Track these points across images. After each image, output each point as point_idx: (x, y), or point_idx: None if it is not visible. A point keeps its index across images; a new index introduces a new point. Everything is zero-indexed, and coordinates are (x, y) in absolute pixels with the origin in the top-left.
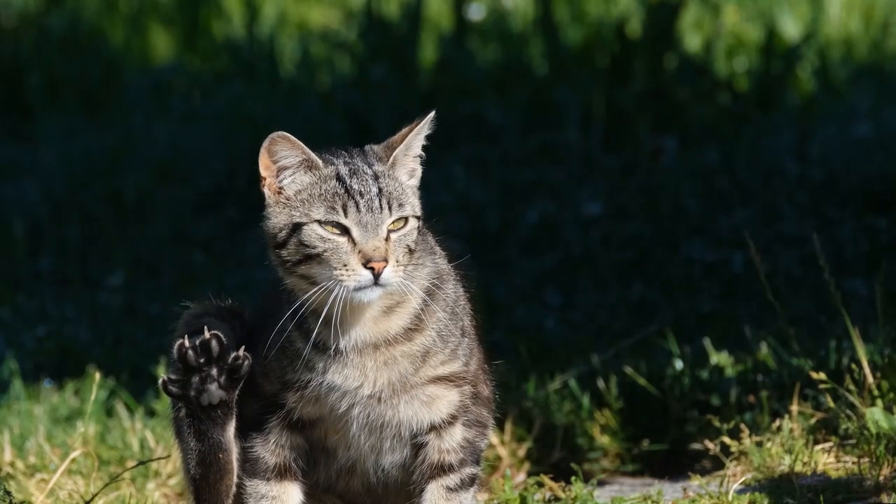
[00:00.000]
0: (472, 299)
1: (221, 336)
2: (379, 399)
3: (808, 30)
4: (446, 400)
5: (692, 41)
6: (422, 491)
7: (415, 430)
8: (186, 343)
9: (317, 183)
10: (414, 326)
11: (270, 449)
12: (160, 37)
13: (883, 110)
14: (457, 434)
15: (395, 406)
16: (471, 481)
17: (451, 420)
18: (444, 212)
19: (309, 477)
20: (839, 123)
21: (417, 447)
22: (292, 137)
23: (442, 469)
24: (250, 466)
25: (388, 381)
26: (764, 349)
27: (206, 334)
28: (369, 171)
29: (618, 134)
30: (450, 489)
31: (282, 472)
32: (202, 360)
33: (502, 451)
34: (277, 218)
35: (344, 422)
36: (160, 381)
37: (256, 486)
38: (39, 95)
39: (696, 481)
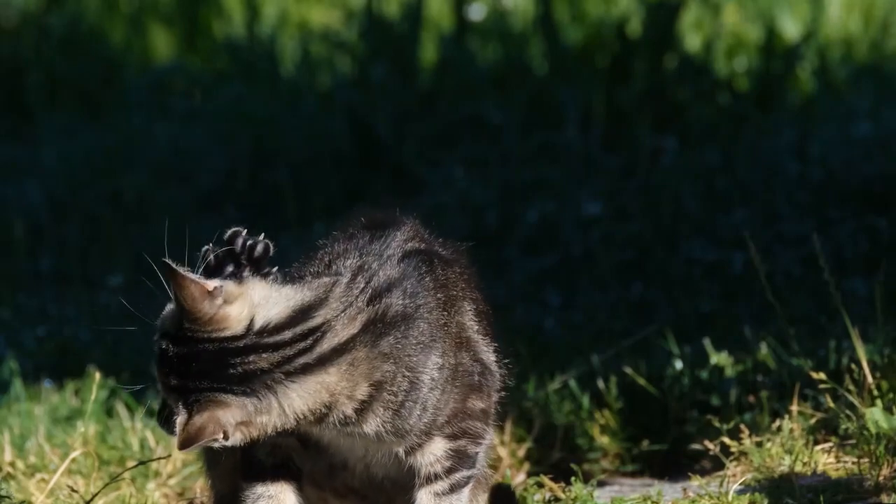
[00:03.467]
0: (477, 307)
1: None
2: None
3: (808, 29)
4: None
5: (692, 41)
6: (413, 500)
7: (385, 441)
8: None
9: None
10: (363, 409)
11: (266, 450)
12: (160, 36)
13: (883, 110)
14: (437, 448)
15: (357, 426)
16: (464, 483)
17: (427, 437)
18: (444, 212)
19: (306, 472)
20: (839, 123)
21: (401, 459)
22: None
23: (429, 479)
24: (248, 470)
25: None
26: (764, 349)
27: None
28: None
29: (618, 134)
30: (438, 494)
31: (279, 473)
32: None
33: (502, 452)
34: None
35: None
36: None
37: (254, 488)
38: (39, 95)
39: (695, 482)
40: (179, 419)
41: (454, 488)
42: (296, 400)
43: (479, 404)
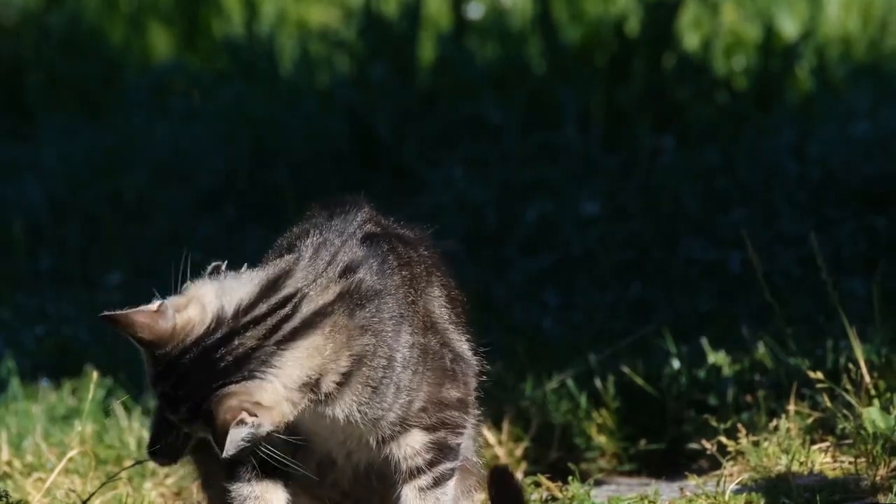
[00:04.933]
0: (455, 297)
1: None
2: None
3: (807, 28)
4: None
5: (691, 40)
6: (398, 496)
7: (360, 425)
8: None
9: None
10: (342, 383)
11: (249, 449)
12: (160, 36)
13: (881, 109)
14: (415, 440)
15: (331, 405)
16: (448, 475)
17: (403, 428)
18: (443, 212)
19: (294, 473)
20: (838, 123)
21: (384, 454)
22: None
23: (412, 473)
24: (232, 472)
25: None
26: (761, 349)
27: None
28: None
29: (617, 133)
30: (422, 489)
31: (263, 472)
32: None
33: (499, 451)
34: None
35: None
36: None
37: (240, 489)
38: (39, 95)
39: (692, 481)
40: (221, 412)
41: (438, 482)
42: (293, 368)
43: (455, 393)
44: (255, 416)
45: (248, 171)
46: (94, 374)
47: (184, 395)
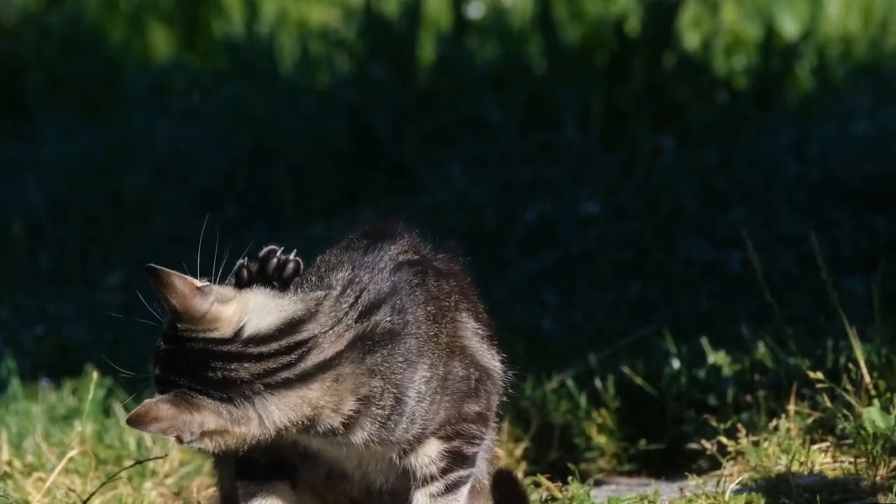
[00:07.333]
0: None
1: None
2: None
3: (807, 28)
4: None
5: (691, 39)
6: (410, 501)
7: (374, 449)
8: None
9: None
10: (349, 423)
11: (260, 450)
12: (160, 35)
13: (881, 109)
14: (431, 449)
15: (343, 437)
16: (461, 482)
17: (418, 438)
18: (442, 211)
19: (303, 475)
20: (838, 122)
21: (395, 463)
22: None
23: (425, 480)
24: (241, 469)
25: None
26: (761, 349)
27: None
28: None
29: (616, 133)
30: (433, 496)
31: (272, 471)
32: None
33: (499, 451)
34: None
35: None
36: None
37: (247, 487)
38: (39, 95)
39: (692, 481)
40: (148, 399)
41: (450, 488)
42: (275, 413)
43: (475, 408)
44: (185, 440)
45: (247, 171)
46: (94, 374)
47: (168, 365)
